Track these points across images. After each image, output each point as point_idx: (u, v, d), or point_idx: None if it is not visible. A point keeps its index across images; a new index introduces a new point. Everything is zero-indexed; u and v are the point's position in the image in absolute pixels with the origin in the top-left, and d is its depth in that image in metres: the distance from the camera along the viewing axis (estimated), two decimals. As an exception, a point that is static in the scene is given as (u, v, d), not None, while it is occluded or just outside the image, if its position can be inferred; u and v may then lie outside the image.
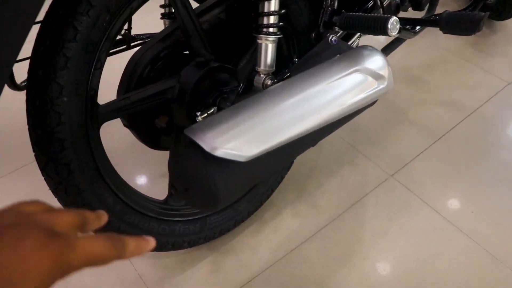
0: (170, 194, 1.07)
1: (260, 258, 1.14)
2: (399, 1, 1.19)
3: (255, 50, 0.91)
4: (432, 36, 1.90)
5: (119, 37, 1.16)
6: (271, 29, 0.85)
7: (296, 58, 1.02)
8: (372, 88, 0.85)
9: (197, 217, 1.08)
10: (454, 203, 1.26)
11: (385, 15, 0.85)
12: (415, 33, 1.34)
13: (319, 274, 1.10)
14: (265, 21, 0.85)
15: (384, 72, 0.87)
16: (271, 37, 0.85)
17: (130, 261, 1.15)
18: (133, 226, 0.95)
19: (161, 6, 1.11)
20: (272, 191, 1.22)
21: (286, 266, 1.13)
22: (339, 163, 1.38)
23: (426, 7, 1.34)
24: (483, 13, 1.18)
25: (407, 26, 1.30)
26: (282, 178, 1.23)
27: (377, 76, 0.86)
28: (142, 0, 0.83)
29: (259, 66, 0.88)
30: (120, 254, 0.39)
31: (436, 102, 1.60)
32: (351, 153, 1.41)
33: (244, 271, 1.12)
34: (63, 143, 0.77)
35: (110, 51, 1.12)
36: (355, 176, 1.34)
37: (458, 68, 1.75)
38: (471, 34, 1.20)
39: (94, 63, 0.79)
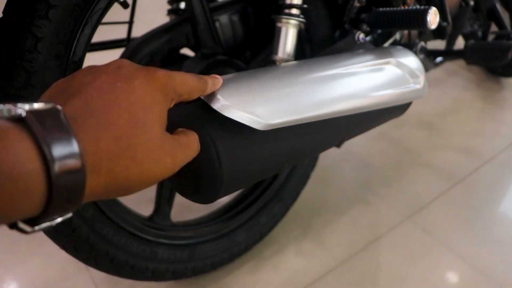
0: (156, 210, 0.89)
1: (257, 301, 0.94)
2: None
3: (272, 42, 0.80)
4: (442, 87, 1.83)
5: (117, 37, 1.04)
6: (293, 10, 0.74)
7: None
8: (407, 84, 0.73)
9: (186, 242, 0.89)
10: (480, 252, 1.09)
11: (424, 6, 0.75)
12: (436, 65, 1.25)
13: (329, 324, 0.90)
14: (287, 0, 0.73)
15: (419, 72, 0.75)
16: (293, 20, 0.74)
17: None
18: (106, 240, 0.76)
19: (169, 1, 1.01)
20: (275, 223, 1.04)
21: (288, 312, 0.92)
22: (350, 201, 1.22)
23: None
24: (511, 42, 1.10)
25: (430, 57, 1.22)
26: (287, 209, 1.06)
27: (413, 74, 0.74)
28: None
29: (276, 54, 0.75)
30: (204, 88, 0.45)
31: (451, 147, 1.48)
32: (363, 192, 1.25)
33: (237, 315, 0.91)
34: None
35: (109, 47, 1.00)
36: (367, 216, 1.17)
37: (470, 118, 1.66)
38: (498, 64, 1.12)
39: (84, 22, 0.65)
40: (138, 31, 0.88)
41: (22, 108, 0.28)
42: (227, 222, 0.96)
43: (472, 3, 1.25)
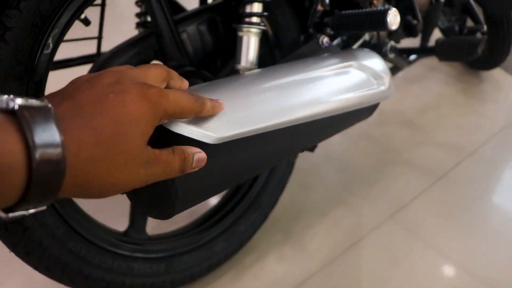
0: (131, 225, 0.89)
1: (239, 310, 0.94)
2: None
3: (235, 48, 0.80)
4: (423, 83, 1.84)
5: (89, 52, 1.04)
6: (254, 19, 0.74)
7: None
8: (371, 86, 0.73)
9: (162, 255, 0.89)
10: (462, 247, 1.09)
11: (383, 8, 0.75)
12: (409, 62, 1.26)
13: (311, 329, 0.90)
14: (247, 9, 0.74)
15: (384, 74, 0.76)
16: (254, 29, 0.74)
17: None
18: (79, 258, 0.76)
19: (137, 14, 1.02)
20: (254, 230, 1.04)
21: (270, 319, 0.92)
22: (331, 204, 1.22)
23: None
24: (480, 37, 1.11)
25: (403, 55, 1.22)
26: (266, 216, 1.06)
27: (376, 76, 0.74)
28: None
29: (239, 63, 0.75)
30: (200, 110, 0.46)
31: (432, 143, 1.48)
32: (344, 194, 1.25)
33: (219, 325, 0.91)
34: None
35: (78, 63, 1.00)
36: (349, 218, 1.18)
37: (452, 112, 1.66)
38: (469, 59, 1.12)
39: (44, 42, 0.65)
40: (118, 41, 0.88)
41: (16, 102, 0.31)
42: (205, 232, 0.96)
43: (442, -1, 1.26)
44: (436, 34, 1.47)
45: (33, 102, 0.33)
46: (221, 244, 0.97)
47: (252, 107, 0.54)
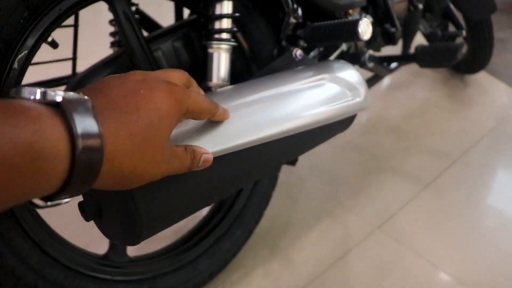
0: (111, 247, 0.87)
1: (226, 330, 0.92)
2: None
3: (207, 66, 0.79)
4: (408, 89, 1.84)
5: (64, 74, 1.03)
6: (224, 35, 0.73)
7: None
8: (345, 98, 0.72)
9: (145, 276, 0.87)
10: (452, 255, 1.08)
11: (354, 18, 0.75)
12: (390, 70, 1.26)
13: None
14: (216, 25, 0.73)
15: (359, 85, 0.75)
16: (224, 45, 0.73)
17: None
18: (57, 285, 0.74)
19: (111, 34, 1.01)
20: (239, 248, 1.02)
21: (258, 338, 0.90)
22: (318, 216, 1.20)
23: (401, 44, 1.27)
24: (458, 42, 1.11)
25: (383, 63, 1.22)
26: (251, 232, 1.04)
27: (351, 87, 0.73)
28: (73, 4, 0.71)
29: (211, 80, 0.74)
30: (214, 113, 0.49)
31: (419, 150, 1.48)
32: (331, 205, 1.24)
33: None
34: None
35: (53, 85, 0.99)
36: (336, 229, 1.16)
37: (438, 118, 1.66)
38: (449, 64, 1.12)
39: (8, 68, 0.64)
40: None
41: (60, 95, 0.33)
42: (188, 251, 0.94)
43: (420, 6, 1.26)
44: (420, 40, 1.47)
45: (72, 95, 0.34)
46: (205, 262, 0.95)
47: (222, 126, 0.53)
